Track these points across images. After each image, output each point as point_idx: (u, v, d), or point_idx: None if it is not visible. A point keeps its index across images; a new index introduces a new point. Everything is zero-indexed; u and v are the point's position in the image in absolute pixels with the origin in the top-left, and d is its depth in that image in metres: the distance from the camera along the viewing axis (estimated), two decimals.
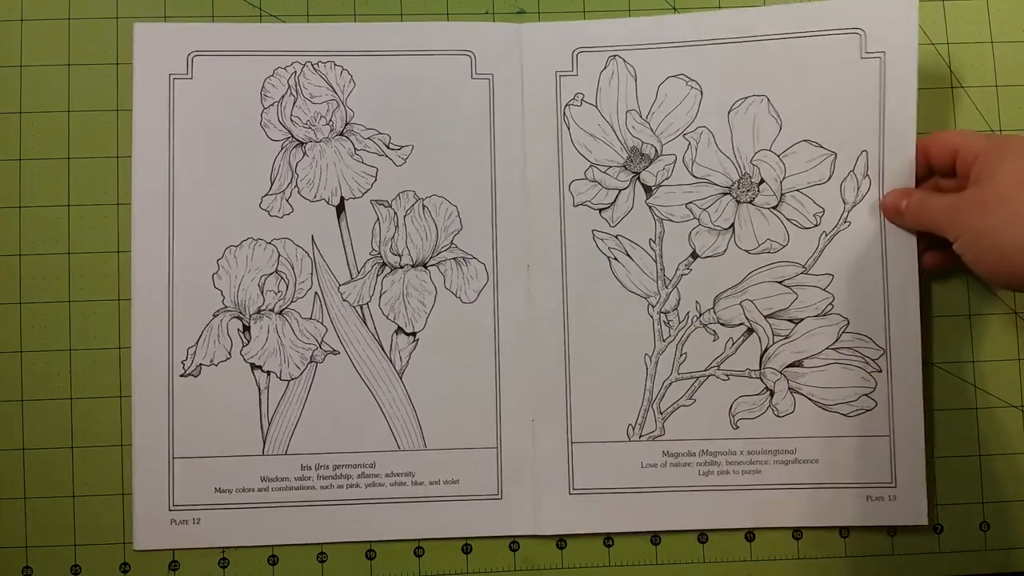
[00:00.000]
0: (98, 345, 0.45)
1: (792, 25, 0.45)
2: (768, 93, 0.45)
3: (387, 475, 0.44)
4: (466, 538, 0.45)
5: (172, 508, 0.44)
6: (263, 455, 0.44)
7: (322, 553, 0.44)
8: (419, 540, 0.45)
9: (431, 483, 0.44)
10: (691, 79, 0.46)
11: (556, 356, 0.45)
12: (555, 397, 0.45)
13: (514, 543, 0.45)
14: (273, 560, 0.44)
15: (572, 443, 0.45)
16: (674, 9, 0.48)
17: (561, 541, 0.45)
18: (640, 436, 0.45)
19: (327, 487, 0.44)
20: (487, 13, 0.47)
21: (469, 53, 0.46)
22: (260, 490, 0.44)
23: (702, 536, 0.45)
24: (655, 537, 0.45)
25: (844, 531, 0.45)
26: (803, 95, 0.45)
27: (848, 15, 0.45)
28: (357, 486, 0.44)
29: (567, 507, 0.44)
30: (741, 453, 0.45)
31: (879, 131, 0.45)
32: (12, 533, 0.44)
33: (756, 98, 0.45)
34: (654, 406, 0.45)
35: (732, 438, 0.45)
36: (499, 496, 0.44)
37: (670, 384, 0.45)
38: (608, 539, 0.45)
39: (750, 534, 0.45)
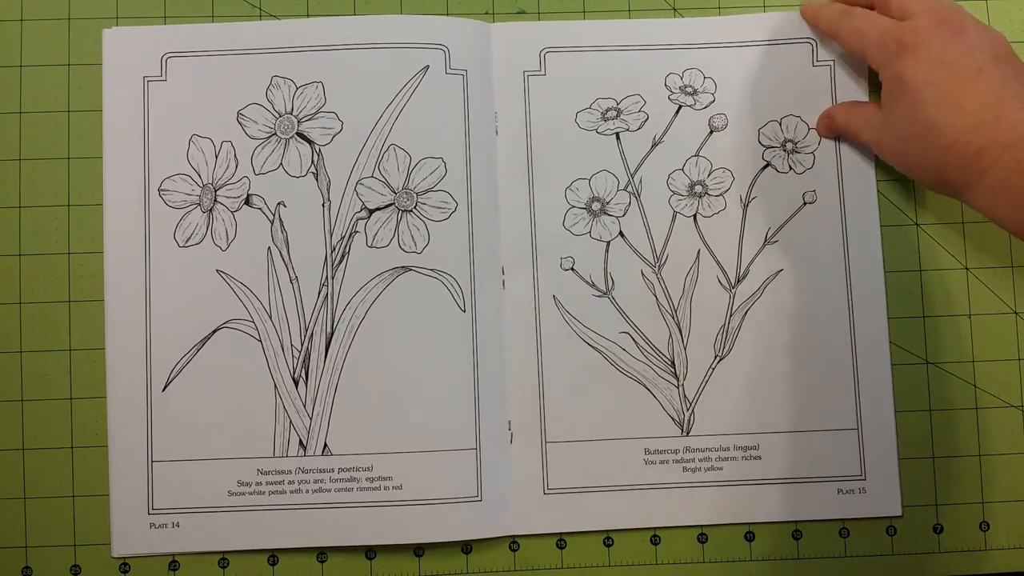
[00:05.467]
0: (98, 345, 0.45)
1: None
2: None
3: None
4: (458, 541, 0.45)
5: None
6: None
7: (322, 553, 0.44)
8: (414, 544, 0.45)
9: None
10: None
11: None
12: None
13: (514, 543, 0.45)
14: (273, 560, 0.44)
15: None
16: (675, 11, 0.48)
17: (561, 541, 0.45)
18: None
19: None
20: (487, 13, 0.47)
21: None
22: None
23: (702, 536, 0.45)
24: (655, 537, 0.45)
25: (844, 531, 0.45)
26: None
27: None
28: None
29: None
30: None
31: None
32: (11, 533, 0.44)
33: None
34: None
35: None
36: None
37: None
38: (608, 539, 0.45)
39: (750, 533, 0.45)
